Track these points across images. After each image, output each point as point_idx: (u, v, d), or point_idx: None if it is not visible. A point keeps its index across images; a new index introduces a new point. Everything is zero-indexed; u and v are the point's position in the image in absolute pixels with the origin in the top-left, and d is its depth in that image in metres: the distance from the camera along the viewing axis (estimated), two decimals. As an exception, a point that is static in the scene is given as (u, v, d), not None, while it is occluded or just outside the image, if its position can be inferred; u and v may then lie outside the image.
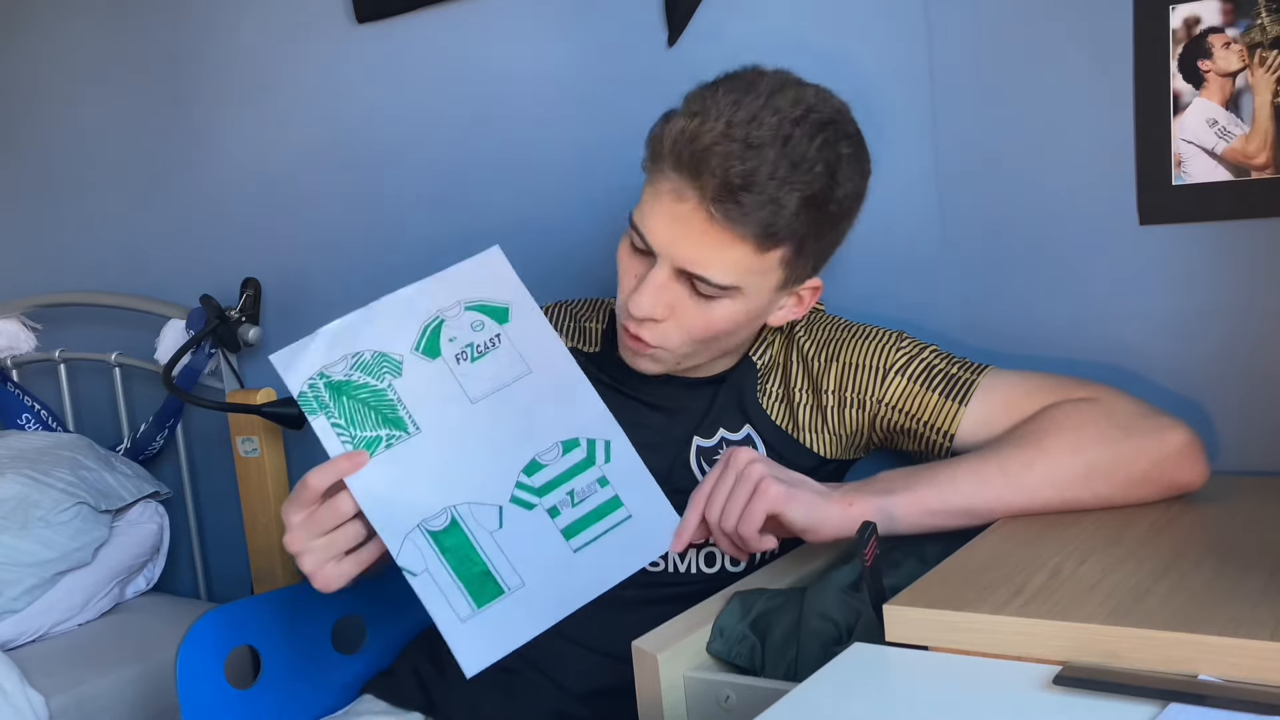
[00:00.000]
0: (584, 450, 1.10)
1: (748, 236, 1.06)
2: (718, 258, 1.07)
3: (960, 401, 1.14)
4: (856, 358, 1.20)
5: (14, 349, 2.19)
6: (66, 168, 2.18)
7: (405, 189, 1.75)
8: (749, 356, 1.25)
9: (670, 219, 1.08)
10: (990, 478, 1.05)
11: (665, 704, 0.96)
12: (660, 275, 1.10)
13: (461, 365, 1.09)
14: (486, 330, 1.10)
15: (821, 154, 1.06)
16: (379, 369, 1.07)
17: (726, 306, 1.11)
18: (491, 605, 1.04)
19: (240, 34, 1.89)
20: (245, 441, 1.88)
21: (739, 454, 1.05)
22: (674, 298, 1.11)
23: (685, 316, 1.12)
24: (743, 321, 1.14)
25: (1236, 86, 1.16)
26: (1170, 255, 1.21)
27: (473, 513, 1.06)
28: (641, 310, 1.10)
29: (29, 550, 1.78)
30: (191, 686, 1.22)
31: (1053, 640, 0.79)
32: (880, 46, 1.33)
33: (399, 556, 1.03)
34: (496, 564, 1.05)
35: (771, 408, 1.23)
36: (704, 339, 1.14)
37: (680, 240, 1.08)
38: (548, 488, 1.09)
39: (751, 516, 1.02)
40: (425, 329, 1.09)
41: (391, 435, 1.05)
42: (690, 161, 1.05)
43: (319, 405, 1.05)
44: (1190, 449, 1.06)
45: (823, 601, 1.00)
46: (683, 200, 1.06)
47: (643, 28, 1.49)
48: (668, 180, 1.08)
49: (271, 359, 1.05)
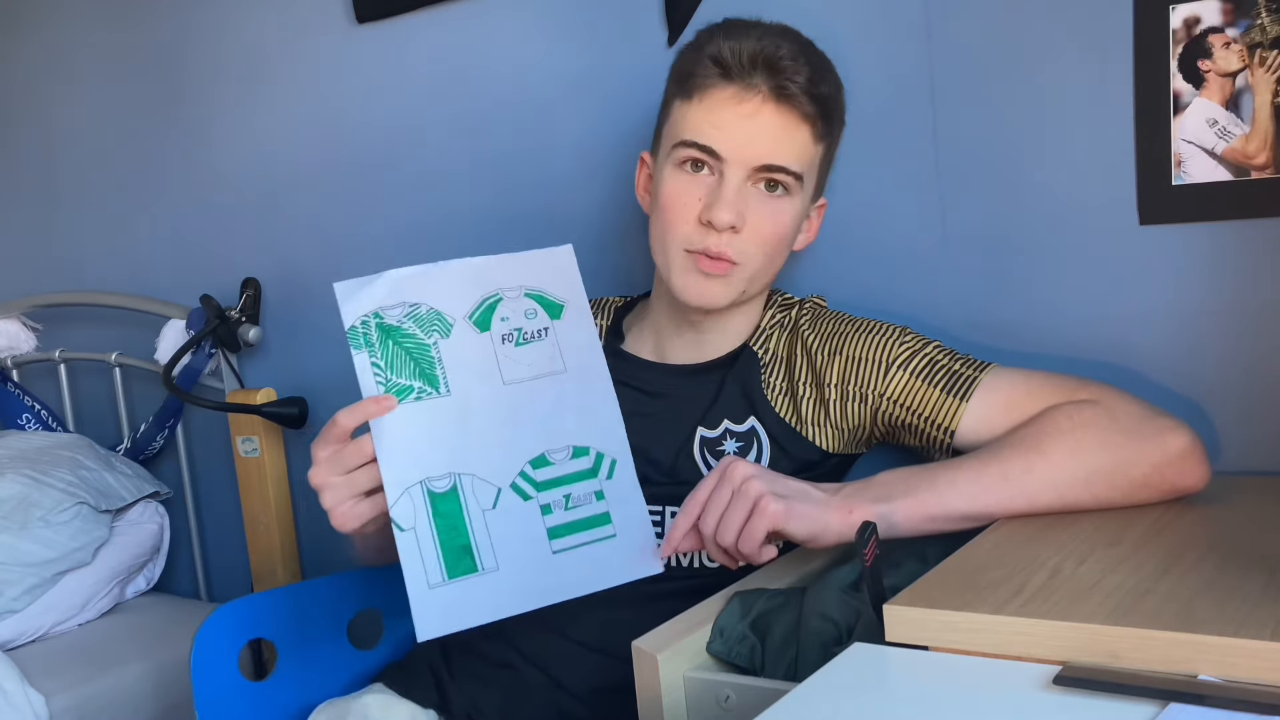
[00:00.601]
0: (591, 460, 1.12)
1: (807, 119, 1.17)
2: (790, 142, 1.17)
3: (962, 398, 1.14)
4: (859, 352, 1.20)
5: (14, 349, 2.19)
6: (66, 168, 2.18)
7: (405, 189, 1.75)
8: (749, 346, 1.25)
9: (738, 119, 1.15)
10: (991, 482, 1.05)
11: (665, 704, 0.96)
12: (735, 179, 1.16)
13: (505, 346, 1.12)
14: (538, 320, 1.14)
15: (827, 66, 1.21)
16: (430, 325, 1.10)
17: (790, 206, 1.20)
18: (461, 580, 1.06)
19: (240, 34, 1.89)
20: (245, 441, 1.88)
21: (735, 468, 1.04)
22: (744, 205, 1.17)
23: (758, 222, 1.18)
24: (795, 228, 1.23)
25: (1236, 86, 1.16)
26: (1170, 255, 1.21)
27: (474, 486, 1.08)
28: (726, 219, 1.15)
29: (29, 550, 1.78)
30: (206, 679, 1.22)
31: (1053, 640, 0.79)
32: (880, 46, 1.33)
33: (394, 507, 1.05)
34: (479, 541, 1.07)
35: (776, 401, 1.23)
36: (772, 246, 1.20)
37: (755, 137, 1.15)
38: (548, 485, 1.11)
39: (752, 535, 1.02)
40: (484, 301, 1.12)
41: (423, 390, 1.08)
42: (741, 67, 1.15)
43: (365, 342, 1.08)
44: (1191, 452, 1.06)
45: (823, 601, 1.00)
46: (745, 100, 1.15)
47: (643, 27, 1.49)
48: (720, 90, 1.16)
49: (335, 286, 1.08)
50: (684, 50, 1.22)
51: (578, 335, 1.15)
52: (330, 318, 1.93)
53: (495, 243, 1.66)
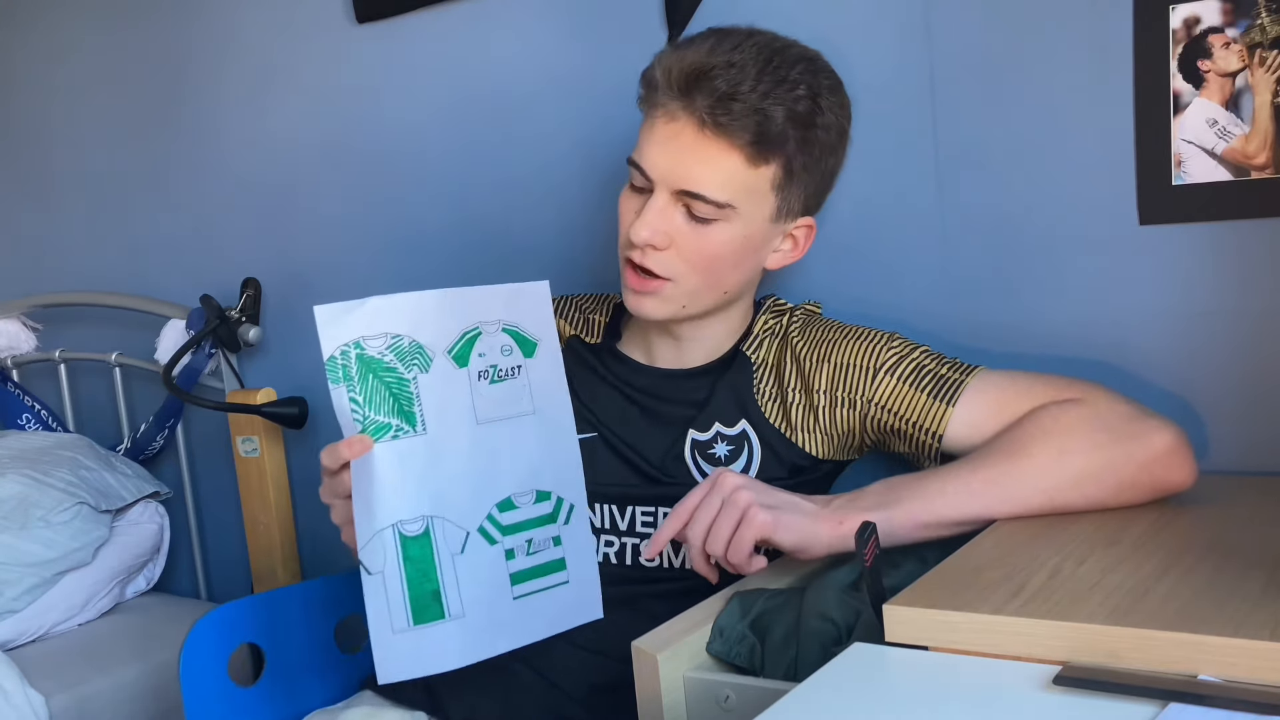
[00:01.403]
0: (552, 505, 1.12)
1: (738, 145, 1.10)
2: (711, 169, 1.11)
3: (948, 402, 1.14)
4: (847, 358, 1.20)
5: (14, 349, 2.19)
6: (67, 168, 2.18)
7: (405, 189, 1.75)
8: (742, 350, 1.25)
9: (664, 140, 1.13)
10: (979, 489, 1.05)
11: (665, 704, 0.96)
12: (658, 201, 1.14)
13: (480, 383, 1.10)
14: (513, 357, 1.12)
15: (803, 78, 1.12)
16: (411, 359, 1.07)
17: (724, 230, 1.14)
18: (428, 626, 1.05)
19: (240, 34, 1.89)
20: (245, 441, 1.88)
21: (725, 478, 1.05)
22: (672, 226, 1.14)
23: (684, 243, 1.15)
24: (740, 251, 1.17)
25: (1236, 86, 1.16)
26: (1170, 255, 1.21)
27: (444, 529, 1.06)
28: (641, 236, 1.14)
29: (29, 550, 1.78)
30: (195, 684, 1.22)
31: (1053, 640, 0.79)
32: (880, 46, 1.33)
33: (363, 550, 1.03)
34: (448, 588, 1.05)
35: (767, 406, 1.23)
36: (705, 268, 1.16)
37: (675, 159, 1.12)
38: (512, 529, 1.10)
39: (741, 544, 1.03)
40: (464, 335, 1.10)
41: (400, 428, 1.06)
42: (680, 82, 1.11)
43: (344, 376, 1.04)
44: (1177, 450, 1.06)
45: (822, 601, 1.00)
46: (675, 120, 1.12)
47: (643, 28, 1.49)
48: (660, 108, 1.14)
49: (315, 310, 1.03)
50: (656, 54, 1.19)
51: (547, 376, 1.14)
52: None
53: (495, 242, 1.67)
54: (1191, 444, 1.08)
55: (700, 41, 1.14)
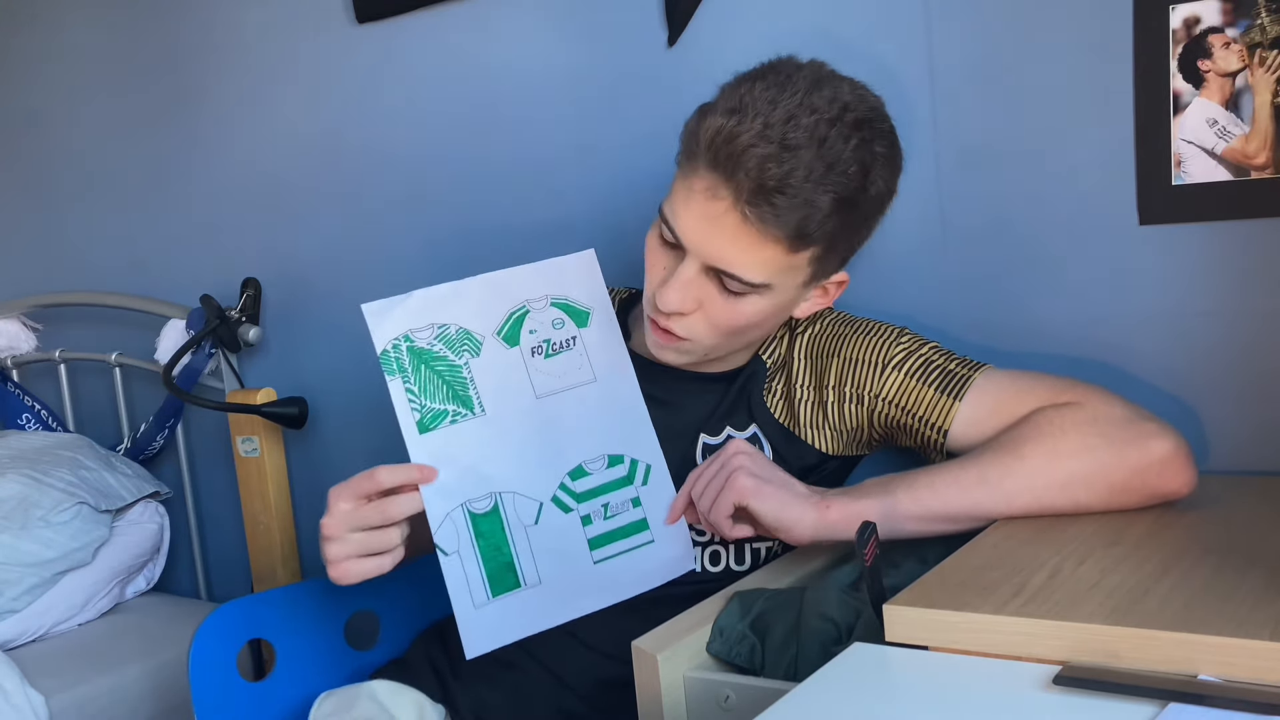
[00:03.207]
0: (626, 468, 1.14)
1: (781, 238, 1.06)
2: (749, 258, 1.07)
3: (955, 397, 1.14)
4: (856, 353, 1.20)
5: (14, 349, 2.19)
6: (67, 168, 2.18)
7: (405, 189, 1.75)
8: (759, 356, 1.25)
9: (703, 217, 1.07)
10: (969, 485, 1.05)
11: (665, 704, 0.96)
12: (689, 271, 1.10)
13: (535, 359, 1.13)
14: (565, 330, 1.14)
15: (857, 154, 1.06)
16: (460, 345, 1.10)
17: (755, 303, 1.12)
18: (506, 596, 1.09)
19: (240, 34, 1.89)
20: (245, 441, 1.88)
21: (731, 445, 1.09)
22: (702, 293, 1.12)
23: (713, 310, 1.13)
24: (770, 315, 1.15)
25: (1236, 86, 1.16)
26: (1170, 255, 1.21)
27: (514, 503, 1.10)
28: (669, 305, 1.12)
29: (29, 550, 1.78)
30: (204, 680, 1.23)
31: (1053, 640, 0.79)
32: (880, 46, 1.33)
33: (437, 533, 1.07)
34: (522, 558, 1.10)
35: (774, 405, 1.23)
36: (731, 332, 1.15)
37: (712, 239, 1.08)
38: (587, 495, 1.13)
39: (720, 505, 1.06)
40: (511, 315, 1.13)
41: (458, 412, 1.10)
42: (726, 161, 1.04)
43: (398, 368, 1.08)
44: (1174, 457, 1.05)
45: (823, 601, 1.01)
46: (717, 199, 1.06)
47: (643, 28, 1.49)
48: (701, 179, 1.07)
49: (363, 308, 1.08)
50: (701, 107, 1.10)
51: (605, 342, 1.16)
52: (330, 317, 1.94)
53: (494, 242, 1.67)
54: (1191, 450, 1.06)
55: (751, 111, 1.04)
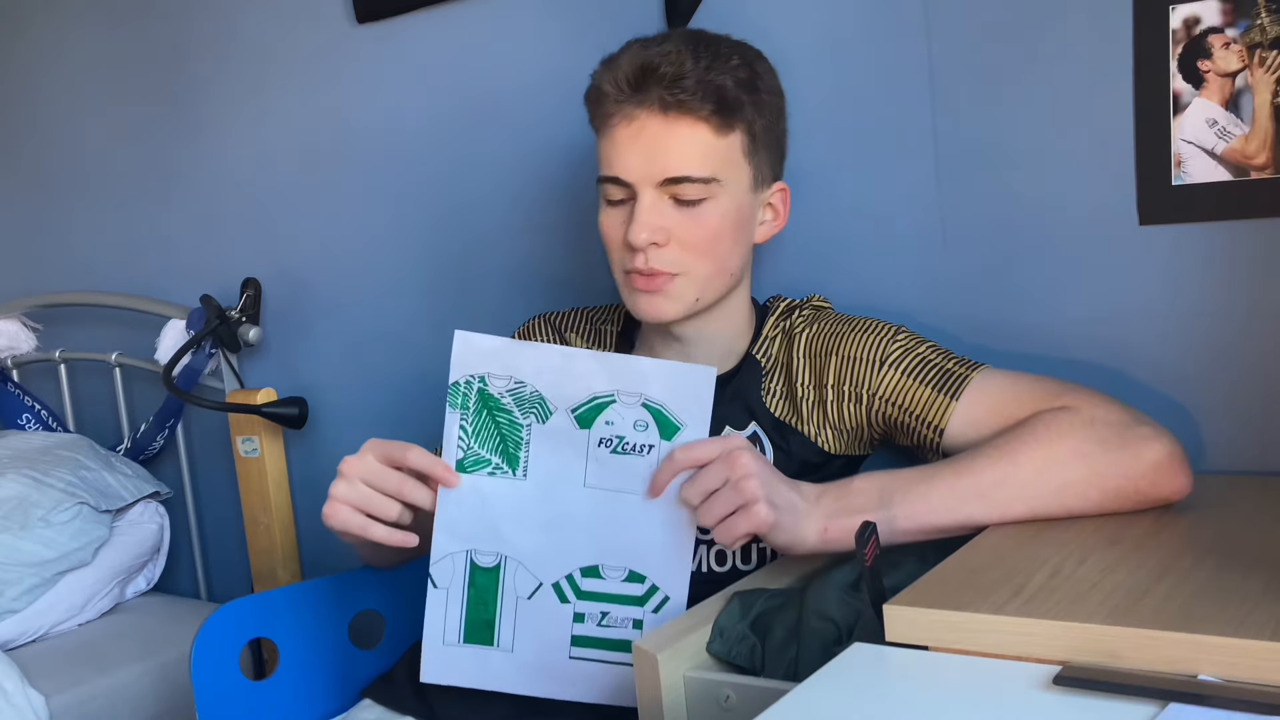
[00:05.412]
0: (643, 589, 1.10)
1: (702, 117, 1.14)
2: (686, 148, 1.14)
3: (952, 396, 1.14)
4: (855, 351, 1.20)
5: (14, 349, 2.19)
6: (67, 168, 2.18)
7: (405, 189, 1.75)
8: (753, 355, 1.25)
9: (631, 140, 1.15)
10: (965, 495, 1.05)
11: (665, 704, 0.96)
12: (645, 199, 1.15)
13: (599, 450, 1.07)
14: (646, 435, 1.07)
15: (734, 50, 1.17)
16: (529, 407, 1.07)
17: (715, 207, 1.16)
18: (476, 646, 1.12)
19: (241, 34, 1.89)
20: (245, 441, 1.88)
21: (739, 456, 1.03)
22: (666, 219, 1.16)
23: (683, 232, 1.16)
24: (735, 224, 1.18)
25: (1236, 86, 1.16)
26: (1170, 255, 1.21)
27: (516, 571, 1.10)
28: (641, 238, 1.15)
29: (29, 550, 1.78)
30: (206, 679, 1.23)
31: (1053, 640, 0.79)
32: (880, 46, 1.33)
33: (435, 564, 1.10)
34: (503, 622, 1.11)
35: (775, 404, 1.23)
36: (709, 250, 1.17)
37: (649, 154, 1.14)
38: (591, 596, 1.11)
39: (732, 529, 1.02)
40: (594, 398, 1.07)
41: (499, 467, 1.09)
42: (630, 81, 1.15)
43: (462, 404, 1.07)
44: (1169, 463, 1.04)
45: (823, 601, 1.00)
46: (635, 119, 1.15)
47: (643, 28, 1.48)
48: (616, 116, 1.16)
49: (456, 333, 1.06)
50: (591, 79, 1.22)
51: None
52: (331, 317, 1.94)
53: (496, 241, 1.67)
54: (1187, 454, 1.06)
55: (627, 49, 1.18)
